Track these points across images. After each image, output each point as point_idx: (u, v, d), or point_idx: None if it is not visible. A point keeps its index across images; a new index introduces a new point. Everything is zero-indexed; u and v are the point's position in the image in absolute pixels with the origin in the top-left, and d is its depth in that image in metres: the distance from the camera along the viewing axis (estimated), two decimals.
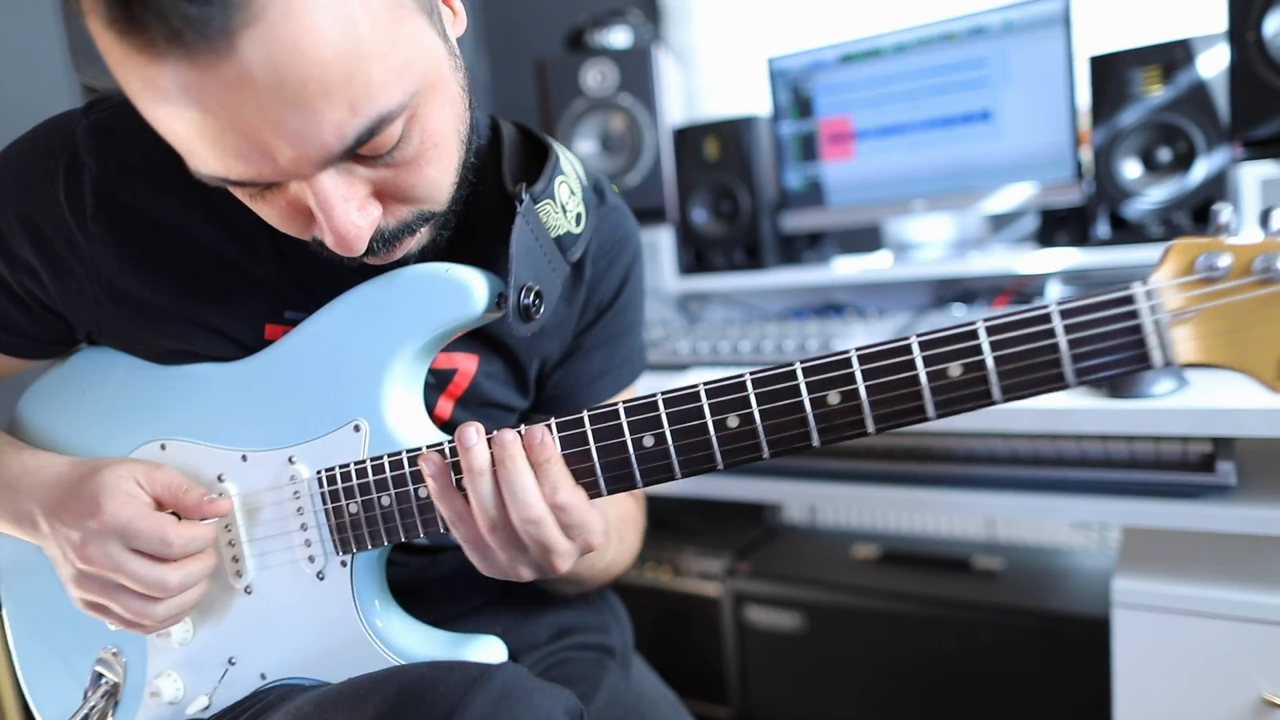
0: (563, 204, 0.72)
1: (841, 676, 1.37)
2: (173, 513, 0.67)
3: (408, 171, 0.57)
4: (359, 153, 0.54)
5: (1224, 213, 0.51)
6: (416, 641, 0.68)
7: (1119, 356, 0.52)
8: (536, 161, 0.74)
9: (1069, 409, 0.94)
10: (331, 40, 0.48)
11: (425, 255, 0.66)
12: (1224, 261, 0.50)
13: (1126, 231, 1.25)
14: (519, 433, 0.61)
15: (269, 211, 0.58)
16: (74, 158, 0.67)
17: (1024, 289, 1.39)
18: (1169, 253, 0.52)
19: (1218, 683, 0.91)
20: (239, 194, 0.58)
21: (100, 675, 0.73)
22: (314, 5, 0.47)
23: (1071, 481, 1.01)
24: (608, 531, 0.65)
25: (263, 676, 0.70)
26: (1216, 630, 0.91)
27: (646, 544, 1.57)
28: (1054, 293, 1.33)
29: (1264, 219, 0.50)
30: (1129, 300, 0.52)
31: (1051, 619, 1.22)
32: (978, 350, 0.54)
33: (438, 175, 0.60)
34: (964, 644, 1.27)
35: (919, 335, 0.55)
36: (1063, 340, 0.52)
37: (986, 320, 0.54)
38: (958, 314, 1.29)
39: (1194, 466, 0.95)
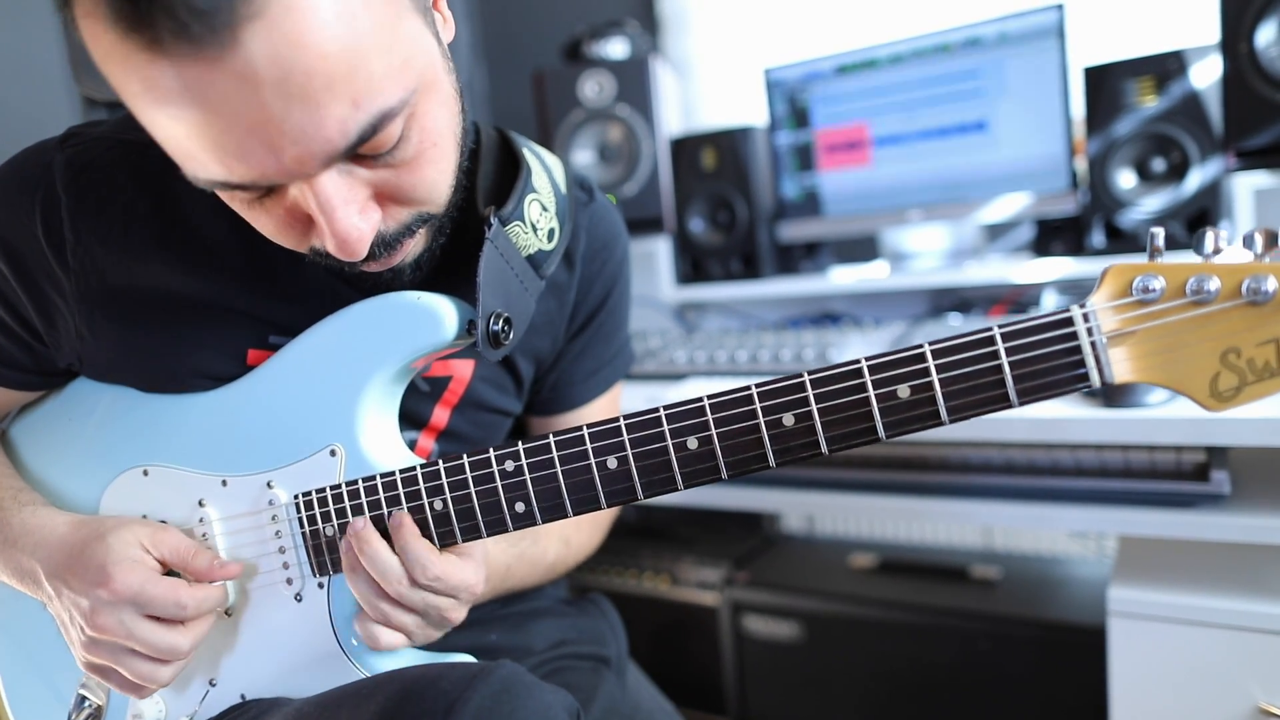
0: (533, 223, 0.72)
1: (839, 686, 1.37)
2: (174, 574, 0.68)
3: (408, 172, 0.57)
4: (360, 152, 0.53)
5: (1209, 237, 0.51)
6: (391, 660, 0.69)
7: (1060, 376, 0.53)
8: (513, 173, 0.74)
9: (1064, 419, 0.95)
10: (335, 35, 0.48)
11: (420, 266, 0.66)
12: (1157, 284, 0.51)
13: (1121, 241, 1.26)
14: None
15: (265, 221, 0.58)
16: (50, 192, 0.66)
17: (1020, 298, 1.39)
18: (1106, 275, 0.53)
19: (1213, 691, 0.91)
20: (235, 203, 0.57)
21: (84, 698, 0.73)
22: (316, 1, 0.47)
23: (1067, 491, 1.02)
24: (490, 578, 0.68)
25: (242, 697, 0.71)
26: (1212, 639, 0.91)
27: (645, 553, 1.58)
28: (1049, 302, 1.33)
29: (1247, 241, 0.51)
30: (1068, 322, 0.53)
31: (1048, 628, 1.22)
32: (925, 373, 0.55)
33: (436, 175, 0.60)
34: (962, 653, 1.27)
35: (868, 358, 0.56)
36: (1005, 362, 0.54)
37: (933, 343, 0.55)
38: (954, 323, 1.30)
39: (1188, 475, 0.95)
